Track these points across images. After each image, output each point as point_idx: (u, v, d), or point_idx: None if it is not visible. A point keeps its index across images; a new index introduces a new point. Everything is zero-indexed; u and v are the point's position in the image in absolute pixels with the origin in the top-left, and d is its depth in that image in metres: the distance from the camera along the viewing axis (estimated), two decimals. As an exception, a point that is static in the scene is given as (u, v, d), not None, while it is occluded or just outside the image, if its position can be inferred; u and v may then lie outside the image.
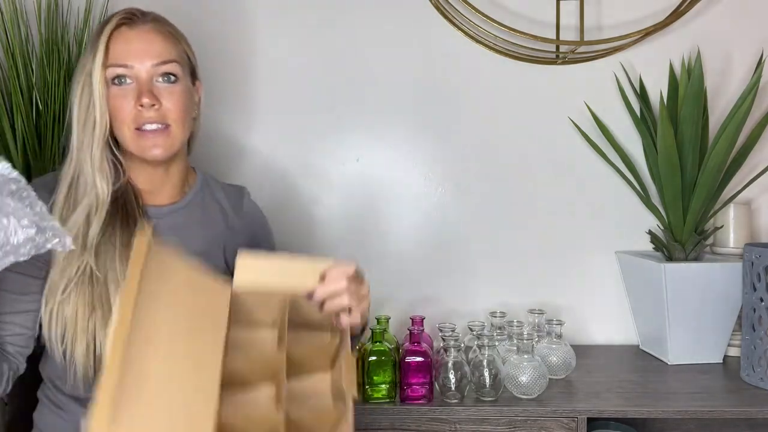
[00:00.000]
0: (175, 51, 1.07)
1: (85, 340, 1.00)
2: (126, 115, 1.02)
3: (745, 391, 1.33)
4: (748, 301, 1.35)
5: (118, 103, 1.02)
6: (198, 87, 1.14)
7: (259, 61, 1.60)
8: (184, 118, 1.06)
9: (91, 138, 1.02)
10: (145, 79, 1.03)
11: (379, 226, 1.63)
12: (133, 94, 1.02)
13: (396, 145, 1.62)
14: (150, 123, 1.03)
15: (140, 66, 1.03)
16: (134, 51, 1.03)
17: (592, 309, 1.64)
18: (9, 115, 1.42)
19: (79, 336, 0.99)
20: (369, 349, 1.27)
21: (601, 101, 1.60)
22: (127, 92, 1.02)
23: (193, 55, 1.13)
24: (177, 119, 1.05)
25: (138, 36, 1.04)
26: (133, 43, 1.03)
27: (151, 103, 1.02)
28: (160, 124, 1.04)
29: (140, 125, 1.03)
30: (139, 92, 1.02)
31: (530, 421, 1.23)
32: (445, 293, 1.63)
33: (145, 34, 1.04)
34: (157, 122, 1.03)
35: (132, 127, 1.03)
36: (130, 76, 1.03)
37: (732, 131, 1.41)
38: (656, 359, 1.52)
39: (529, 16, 1.59)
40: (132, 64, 1.02)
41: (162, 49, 1.05)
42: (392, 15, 1.60)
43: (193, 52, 1.13)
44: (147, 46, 1.03)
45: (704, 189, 1.45)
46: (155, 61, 1.03)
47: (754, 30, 1.61)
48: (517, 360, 1.27)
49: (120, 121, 1.03)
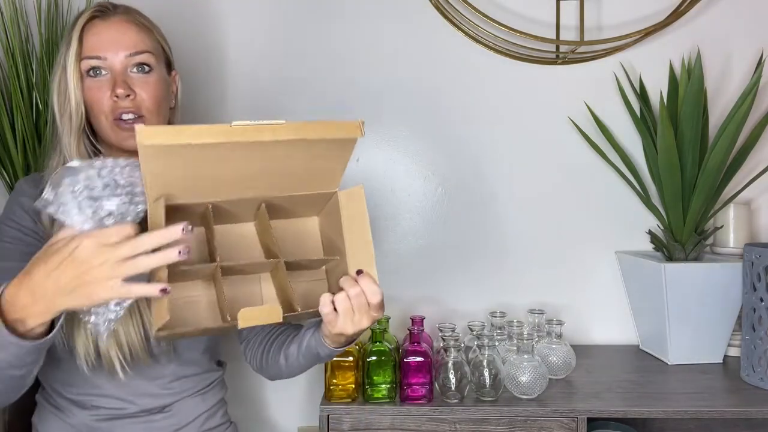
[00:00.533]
0: (149, 41, 1.08)
1: (82, 330, 1.00)
2: (103, 106, 1.03)
3: (745, 391, 1.33)
4: (748, 301, 1.35)
5: (93, 94, 1.03)
6: (174, 77, 1.15)
7: (259, 61, 1.60)
8: (158, 108, 1.07)
9: (69, 128, 1.04)
10: (119, 70, 1.04)
11: (379, 226, 1.63)
12: (108, 85, 1.03)
13: (396, 145, 1.62)
14: (126, 113, 1.03)
15: (114, 57, 1.03)
16: (107, 42, 1.03)
17: (592, 309, 1.64)
18: (9, 115, 1.42)
19: (75, 325, 0.99)
20: (369, 349, 1.27)
21: (601, 101, 1.60)
22: (102, 84, 1.03)
23: (167, 45, 1.13)
24: (151, 108, 1.06)
25: (110, 27, 1.04)
26: (105, 35, 1.04)
27: (126, 94, 1.02)
28: (135, 114, 1.04)
29: (117, 115, 1.03)
30: (114, 83, 1.03)
31: (530, 421, 1.23)
32: (445, 293, 1.63)
33: (118, 25, 1.05)
34: (132, 112, 1.04)
35: (110, 118, 1.04)
36: (105, 67, 1.03)
37: (732, 131, 1.41)
38: (656, 359, 1.52)
39: (529, 16, 1.60)
40: (105, 55, 1.03)
41: (135, 40, 1.05)
42: (392, 15, 1.60)
43: (167, 43, 1.13)
44: (120, 37, 1.04)
45: (704, 189, 1.45)
46: (128, 51, 1.04)
47: (754, 30, 1.61)
48: (517, 360, 1.27)
49: (97, 111, 1.04)
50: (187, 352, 1.12)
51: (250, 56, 1.60)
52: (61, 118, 1.04)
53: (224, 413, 1.21)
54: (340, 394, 1.28)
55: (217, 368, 1.22)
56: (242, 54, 1.59)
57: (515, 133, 1.62)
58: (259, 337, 1.18)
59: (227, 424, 1.20)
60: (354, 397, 1.28)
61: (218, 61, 1.59)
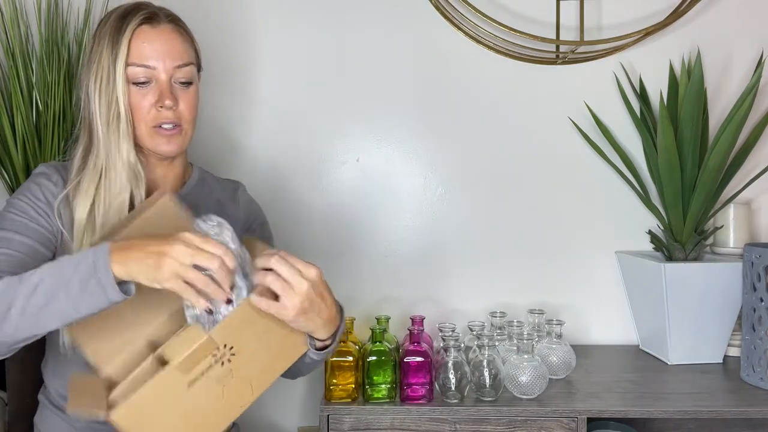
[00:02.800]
0: (192, 52, 1.11)
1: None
2: (144, 114, 1.05)
3: (745, 391, 1.32)
4: (748, 301, 1.35)
5: (136, 101, 1.05)
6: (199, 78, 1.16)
7: (259, 62, 1.60)
8: (195, 119, 1.11)
9: (117, 134, 1.04)
10: (165, 80, 1.05)
11: (379, 225, 1.63)
12: (152, 94, 1.05)
13: (396, 145, 1.62)
14: (167, 123, 1.06)
15: (161, 67, 1.05)
16: (156, 52, 1.05)
17: (592, 309, 1.64)
18: (9, 115, 1.42)
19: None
20: (369, 349, 1.27)
21: (601, 101, 1.60)
22: (146, 92, 1.05)
23: (199, 50, 1.15)
24: (190, 120, 1.10)
25: (160, 37, 1.05)
26: (156, 43, 1.05)
27: (172, 106, 1.05)
28: (175, 124, 1.07)
29: (158, 124, 1.06)
30: (161, 94, 1.05)
31: (530, 421, 1.23)
32: (445, 293, 1.63)
33: (166, 34, 1.06)
34: (173, 122, 1.07)
35: (149, 126, 1.06)
36: (150, 76, 1.05)
37: (732, 131, 1.41)
38: (656, 359, 1.52)
39: (529, 16, 1.60)
40: (155, 65, 1.05)
41: (181, 51, 1.07)
42: (392, 15, 1.60)
43: (199, 48, 1.15)
44: (168, 48, 1.06)
45: (704, 189, 1.45)
46: (176, 63, 1.06)
47: (754, 30, 1.61)
48: (517, 360, 1.27)
49: (138, 119, 1.05)
50: None
51: (251, 57, 1.60)
52: (109, 124, 1.04)
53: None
54: (340, 394, 1.28)
55: None
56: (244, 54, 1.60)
57: (515, 133, 1.62)
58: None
59: (227, 424, 1.21)
60: (354, 397, 1.28)
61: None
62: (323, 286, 0.96)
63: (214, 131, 1.59)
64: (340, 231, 1.63)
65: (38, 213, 1.03)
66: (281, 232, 1.61)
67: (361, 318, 1.53)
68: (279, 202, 1.61)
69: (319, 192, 1.62)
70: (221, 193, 1.24)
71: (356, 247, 1.63)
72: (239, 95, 1.61)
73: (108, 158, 1.04)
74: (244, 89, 1.61)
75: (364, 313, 1.58)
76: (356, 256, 1.63)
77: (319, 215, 1.62)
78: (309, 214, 1.62)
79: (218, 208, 1.21)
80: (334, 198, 1.62)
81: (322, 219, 1.62)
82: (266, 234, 1.29)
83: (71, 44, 1.48)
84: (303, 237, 1.62)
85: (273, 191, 1.61)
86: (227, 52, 1.59)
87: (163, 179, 1.14)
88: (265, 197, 1.60)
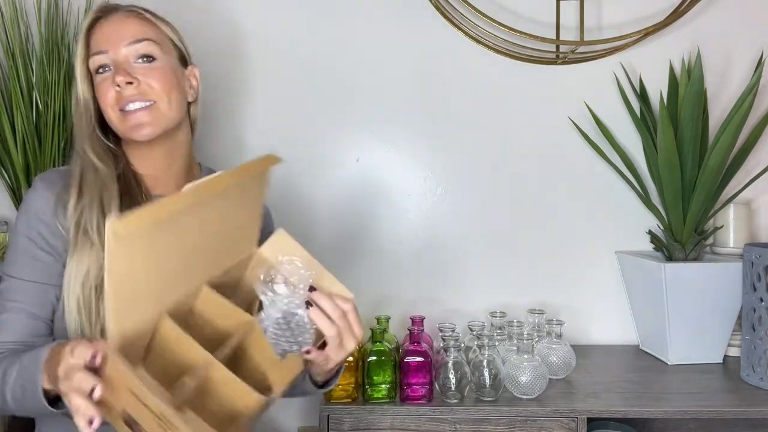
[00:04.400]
0: (152, 31, 1.07)
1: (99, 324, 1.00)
2: (109, 99, 1.03)
3: (745, 391, 1.33)
4: (748, 301, 1.35)
5: (101, 89, 1.03)
6: (192, 71, 1.13)
7: (258, 62, 1.60)
8: (169, 94, 1.04)
9: (80, 128, 1.05)
10: (121, 61, 1.03)
11: (379, 225, 1.63)
12: (111, 78, 1.03)
13: (396, 145, 1.63)
14: (132, 102, 1.02)
15: (114, 48, 1.03)
16: (108, 36, 1.04)
17: (592, 309, 1.64)
18: (9, 115, 1.42)
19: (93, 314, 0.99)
20: (369, 349, 1.27)
21: (601, 101, 1.60)
22: (106, 77, 1.03)
23: (179, 39, 1.12)
24: (162, 94, 1.03)
25: (112, 23, 1.05)
26: (107, 29, 1.04)
27: (127, 81, 1.01)
28: (144, 101, 1.03)
29: (122, 106, 1.02)
30: (115, 72, 1.02)
31: (530, 421, 1.23)
32: (445, 293, 1.63)
33: (118, 19, 1.05)
34: (139, 100, 1.02)
35: (116, 109, 1.03)
36: (109, 63, 1.03)
37: (732, 131, 1.41)
38: (656, 359, 1.52)
39: (529, 16, 1.60)
40: (106, 48, 1.03)
41: (135, 30, 1.05)
42: (392, 15, 1.60)
43: (179, 37, 1.12)
44: (120, 29, 1.04)
45: (704, 189, 1.45)
46: (128, 40, 1.03)
47: (754, 30, 1.61)
48: (517, 360, 1.27)
49: (104, 105, 1.04)
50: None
51: (249, 57, 1.60)
52: (77, 121, 1.05)
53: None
54: (340, 394, 1.28)
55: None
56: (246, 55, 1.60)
57: (515, 133, 1.62)
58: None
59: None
60: (354, 397, 1.28)
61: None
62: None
63: (213, 131, 1.59)
64: (340, 231, 1.63)
65: (41, 247, 1.01)
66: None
67: (361, 318, 1.53)
68: (279, 202, 1.61)
69: (319, 192, 1.62)
70: None
71: (356, 247, 1.63)
72: (239, 95, 1.61)
73: (84, 157, 1.04)
74: (243, 89, 1.61)
75: (364, 313, 1.57)
76: (356, 256, 1.63)
77: (319, 215, 1.62)
78: (309, 214, 1.62)
79: None
80: (334, 198, 1.62)
81: (322, 219, 1.62)
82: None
83: (71, 44, 1.48)
84: (303, 237, 1.61)
85: (272, 191, 1.60)
86: (227, 52, 1.59)
87: (165, 176, 1.10)
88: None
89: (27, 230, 1.02)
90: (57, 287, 1.01)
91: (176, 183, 1.11)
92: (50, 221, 1.01)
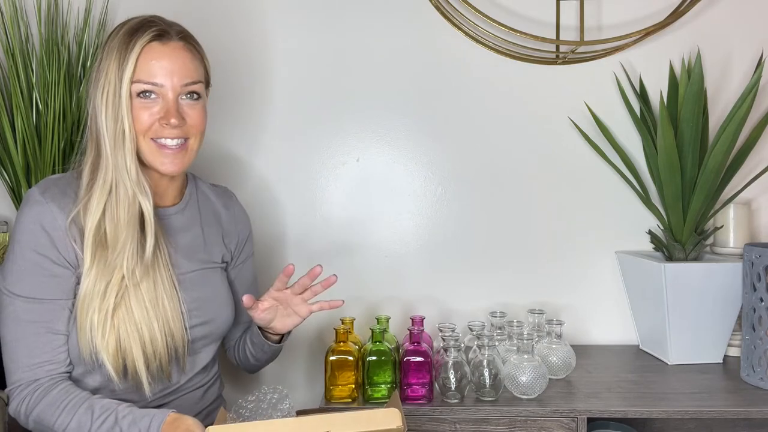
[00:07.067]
0: (201, 70, 1.09)
1: (114, 336, 1.01)
2: (145, 127, 1.04)
3: (745, 391, 1.33)
4: (748, 301, 1.35)
5: (138, 113, 1.03)
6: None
7: (259, 62, 1.60)
8: (202, 132, 1.10)
9: (122, 150, 1.03)
10: (172, 99, 1.04)
11: (379, 225, 1.63)
12: (156, 109, 1.03)
13: (396, 145, 1.62)
14: (171, 138, 1.05)
15: (169, 85, 1.04)
16: (164, 70, 1.03)
17: (592, 309, 1.64)
18: (9, 115, 1.42)
19: (108, 332, 1.01)
20: (369, 349, 1.27)
21: (601, 101, 1.60)
22: (149, 105, 1.04)
23: (209, 67, 1.14)
24: (196, 133, 1.08)
25: (169, 54, 1.04)
26: (165, 62, 1.04)
27: (177, 124, 1.04)
28: (180, 138, 1.06)
29: (158, 138, 1.05)
30: (167, 111, 1.03)
31: (530, 421, 1.23)
32: (445, 293, 1.63)
33: (176, 52, 1.05)
34: (178, 137, 1.05)
35: (147, 137, 1.04)
36: (157, 92, 1.04)
37: (732, 131, 1.41)
38: (656, 359, 1.52)
39: (529, 16, 1.60)
40: (162, 83, 1.03)
41: (190, 69, 1.06)
42: (392, 15, 1.60)
43: (209, 64, 1.14)
44: (177, 67, 1.04)
45: (704, 189, 1.45)
46: (184, 81, 1.05)
47: (754, 30, 1.61)
48: (517, 360, 1.27)
49: (137, 131, 1.04)
50: (202, 361, 1.17)
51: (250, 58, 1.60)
52: (115, 141, 1.03)
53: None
54: (340, 394, 1.28)
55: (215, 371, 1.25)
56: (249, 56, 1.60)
57: (515, 133, 1.62)
58: (232, 341, 1.30)
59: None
60: (354, 397, 1.28)
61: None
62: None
63: (211, 130, 1.59)
64: (340, 231, 1.63)
65: (52, 262, 1.02)
66: (281, 232, 1.61)
67: (361, 318, 1.53)
68: (278, 201, 1.61)
69: (319, 192, 1.62)
70: (217, 202, 1.25)
71: (356, 247, 1.63)
72: (238, 95, 1.61)
73: (117, 173, 1.03)
74: (243, 89, 1.61)
75: (364, 313, 1.58)
76: (356, 255, 1.63)
77: (319, 215, 1.62)
78: (309, 214, 1.62)
79: (215, 219, 1.22)
80: (334, 198, 1.62)
81: (322, 219, 1.62)
82: (249, 251, 1.31)
83: (71, 44, 1.48)
84: (303, 237, 1.62)
85: (272, 191, 1.61)
86: (227, 52, 1.59)
87: (165, 192, 1.14)
88: (264, 197, 1.61)
89: (35, 245, 1.01)
90: (70, 300, 1.03)
91: (173, 196, 1.16)
92: (61, 235, 1.01)
